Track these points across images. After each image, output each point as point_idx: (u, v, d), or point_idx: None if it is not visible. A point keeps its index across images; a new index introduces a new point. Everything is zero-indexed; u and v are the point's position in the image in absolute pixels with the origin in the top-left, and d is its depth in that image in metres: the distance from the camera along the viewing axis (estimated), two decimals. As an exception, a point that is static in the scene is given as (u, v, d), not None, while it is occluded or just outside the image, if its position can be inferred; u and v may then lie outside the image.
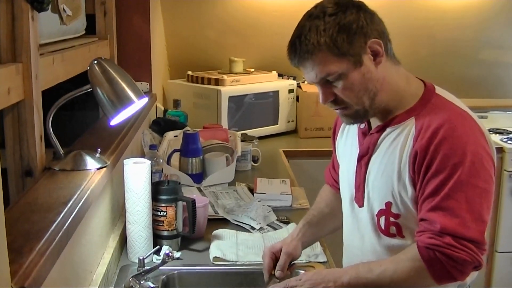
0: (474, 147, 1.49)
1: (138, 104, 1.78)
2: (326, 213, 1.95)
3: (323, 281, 1.58)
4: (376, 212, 1.66)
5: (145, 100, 1.82)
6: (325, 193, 2.01)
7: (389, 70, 1.59)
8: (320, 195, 2.02)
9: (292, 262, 1.82)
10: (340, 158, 1.87)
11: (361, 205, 1.71)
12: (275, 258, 1.79)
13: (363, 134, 1.71)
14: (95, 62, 1.77)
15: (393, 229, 1.63)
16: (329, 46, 1.50)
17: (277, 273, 1.75)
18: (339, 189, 1.87)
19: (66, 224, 1.34)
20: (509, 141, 3.83)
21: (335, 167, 1.95)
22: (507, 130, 4.09)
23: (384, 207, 1.62)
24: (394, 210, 1.61)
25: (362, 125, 1.72)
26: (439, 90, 1.64)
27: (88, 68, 1.77)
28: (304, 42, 1.52)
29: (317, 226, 1.92)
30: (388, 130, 1.63)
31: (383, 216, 1.64)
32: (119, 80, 1.76)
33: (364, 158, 1.69)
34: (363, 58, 1.53)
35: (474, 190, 1.47)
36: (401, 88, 1.62)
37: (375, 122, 1.68)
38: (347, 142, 1.81)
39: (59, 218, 1.36)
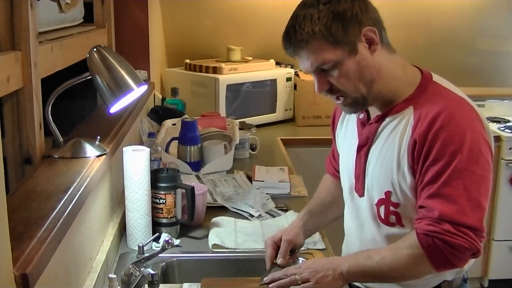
0: (472, 134, 1.49)
1: (137, 91, 1.78)
2: (328, 202, 1.96)
3: (323, 269, 1.58)
4: (375, 202, 1.66)
5: (144, 87, 1.82)
6: (326, 182, 2.02)
7: (385, 58, 1.58)
8: (321, 184, 2.03)
9: (296, 251, 1.83)
10: (340, 148, 1.87)
11: (361, 194, 1.72)
12: (277, 248, 1.80)
13: (362, 124, 1.71)
14: (94, 50, 1.76)
15: (392, 218, 1.64)
16: (323, 34, 1.50)
17: (279, 260, 1.76)
18: (340, 178, 1.88)
19: (67, 211, 1.35)
20: (506, 130, 3.84)
21: (335, 157, 1.96)
22: (504, 119, 4.11)
23: (384, 196, 1.63)
24: (393, 199, 1.62)
25: (361, 115, 1.72)
26: (436, 78, 1.64)
27: (88, 55, 1.77)
28: (298, 31, 1.51)
29: (319, 215, 1.93)
30: (387, 119, 1.63)
31: (383, 206, 1.64)
32: (118, 68, 1.75)
33: (363, 148, 1.69)
34: (358, 46, 1.53)
35: (472, 177, 1.48)
36: (398, 76, 1.61)
37: (373, 112, 1.68)
38: (347, 133, 1.81)
39: (59, 205, 1.36)
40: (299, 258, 1.89)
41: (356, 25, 1.51)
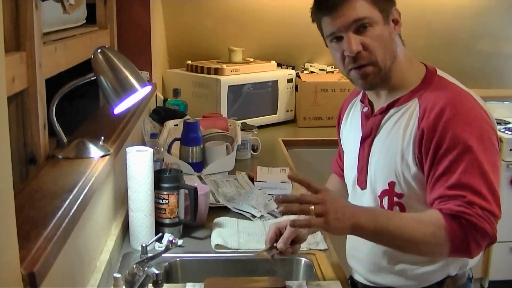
0: (481, 123, 1.53)
1: (141, 92, 1.79)
2: None
3: (337, 213, 1.46)
4: (378, 193, 1.67)
5: (148, 88, 1.83)
6: (332, 181, 2.04)
7: (400, 45, 1.66)
8: (328, 184, 2.04)
9: (297, 244, 1.81)
10: (345, 144, 1.89)
11: (363, 187, 1.73)
12: (279, 234, 1.74)
13: (366, 117, 1.74)
14: (99, 50, 1.77)
15: (396, 209, 1.64)
16: None
17: (279, 244, 1.70)
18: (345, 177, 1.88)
19: (72, 211, 1.35)
20: (507, 131, 3.85)
21: (341, 157, 1.96)
22: (504, 121, 4.11)
23: (388, 187, 1.64)
24: (397, 189, 1.63)
25: (365, 109, 1.75)
26: (440, 72, 1.68)
27: (92, 56, 1.77)
28: None
29: None
30: (391, 111, 1.66)
31: (386, 197, 1.65)
32: (123, 69, 1.76)
33: (367, 140, 1.71)
34: (389, 19, 1.61)
35: (487, 165, 1.51)
36: (405, 67, 1.66)
37: (377, 105, 1.71)
38: (351, 128, 1.83)
39: (65, 205, 1.37)
40: (298, 258, 1.89)
41: (390, 1, 1.62)
